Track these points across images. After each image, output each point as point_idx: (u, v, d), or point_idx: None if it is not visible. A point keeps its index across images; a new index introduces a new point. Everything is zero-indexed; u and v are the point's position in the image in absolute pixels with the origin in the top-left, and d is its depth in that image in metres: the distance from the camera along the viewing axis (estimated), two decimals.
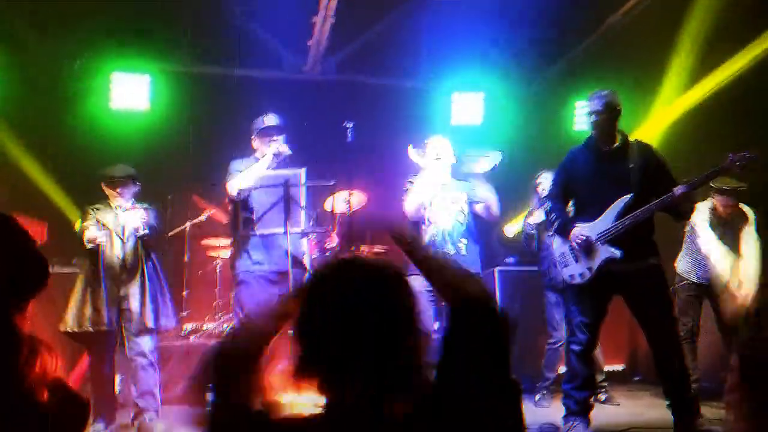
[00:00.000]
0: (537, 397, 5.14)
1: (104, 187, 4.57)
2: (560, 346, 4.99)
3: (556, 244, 4.08)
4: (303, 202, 3.65)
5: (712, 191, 4.77)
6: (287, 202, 3.54)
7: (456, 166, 4.70)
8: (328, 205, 6.30)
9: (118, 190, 4.48)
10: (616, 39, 6.58)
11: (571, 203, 4.16)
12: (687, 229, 4.98)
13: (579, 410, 3.85)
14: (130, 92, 6.76)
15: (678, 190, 3.65)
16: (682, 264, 5.01)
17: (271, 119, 4.37)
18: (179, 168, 7.05)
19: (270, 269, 4.26)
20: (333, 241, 5.83)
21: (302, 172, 3.65)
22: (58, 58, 6.70)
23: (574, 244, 3.85)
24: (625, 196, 3.75)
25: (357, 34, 7.04)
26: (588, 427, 3.82)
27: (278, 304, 1.57)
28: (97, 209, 4.49)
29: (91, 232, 4.26)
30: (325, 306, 1.36)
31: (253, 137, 4.54)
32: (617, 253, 3.72)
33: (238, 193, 4.06)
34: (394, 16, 6.88)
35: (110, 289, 4.33)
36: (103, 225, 4.43)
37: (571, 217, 4.04)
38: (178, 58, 7.02)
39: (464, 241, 4.53)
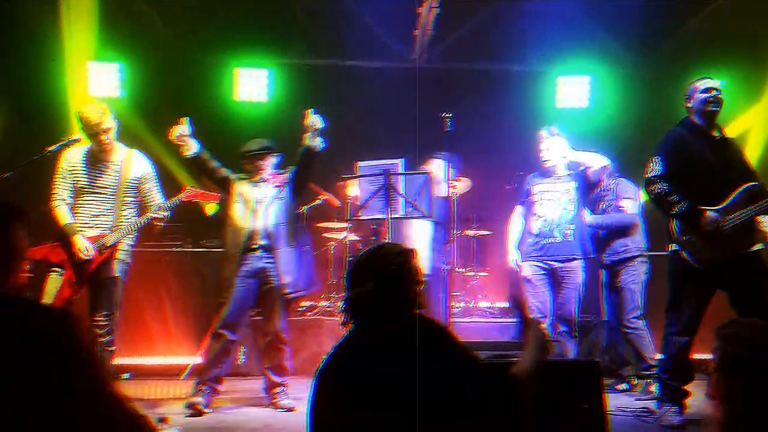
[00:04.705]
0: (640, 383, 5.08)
1: (244, 164, 4.64)
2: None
3: (677, 228, 3.85)
4: (402, 190, 3.90)
5: None
6: (388, 190, 3.81)
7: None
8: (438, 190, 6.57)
9: (256, 163, 4.55)
10: (724, 18, 6.33)
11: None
12: None
13: (674, 398, 3.84)
14: (251, 86, 7.33)
15: None
16: None
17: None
18: (295, 155, 7.51)
19: None
20: None
21: (400, 162, 3.91)
22: (188, 54, 7.36)
23: (707, 228, 3.69)
24: (753, 183, 3.73)
25: (462, 21, 7.17)
26: (682, 414, 3.80)
27: None
28: (242, 179, 4.61)
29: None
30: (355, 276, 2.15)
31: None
32: (760, 245, 3.69)
33: None
34: (498, 2, 6.94)
35: (239, 260, 4.39)
36: (242, 196, 4.53)
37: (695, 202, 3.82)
38: (293, 51, 7.48)
39: (571, 227, 4.79)
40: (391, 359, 1.95)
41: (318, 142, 4.48)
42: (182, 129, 4.40)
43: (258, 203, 4.50)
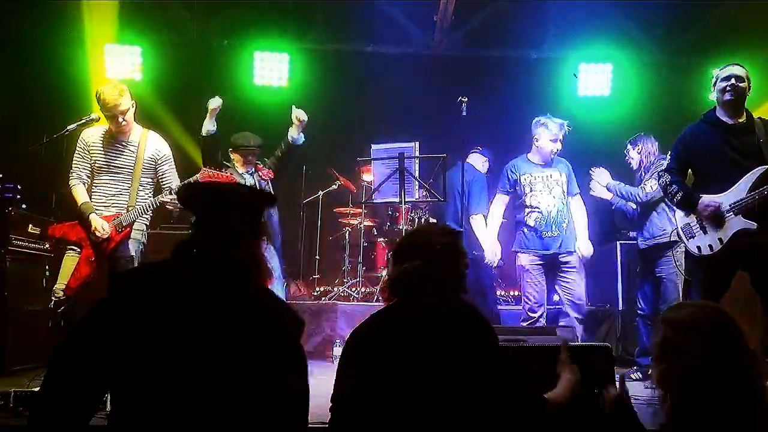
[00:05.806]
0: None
1: (232, 153, 4.78)
2: None
3: (679, 217, 3.99)
4: (416, 173, 3.89)
5: None
6: (402, 174, 3.80)
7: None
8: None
9: (249, 158, 4.69)
10: (749, 6, 6.21)
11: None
12: None
13: None
14: (270, 70, 7.32)
15: None
16: None
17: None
18: (314, 140, 7.51)
19: None
20: None
21: (416, 146, 3.89)
22: (207, 38, 7.37)
23: (703, 213, 3.74)
24: (760, 167, 3.65)
25: (482, 6, 7.11)
26: None
27: None
28: (228, 167, 4.72)
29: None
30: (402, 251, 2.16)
31: None
32: (753, 224, 3.61)
33: None
34: None
35: None
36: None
37: (695, 190, 3.91)
38: (313, 36, 7.46)
39: (567, 220, 4.76)
40: (427, 337, 1.93)
41: (300, 136, 4.62)
42: (217, 103, 4.56)
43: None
